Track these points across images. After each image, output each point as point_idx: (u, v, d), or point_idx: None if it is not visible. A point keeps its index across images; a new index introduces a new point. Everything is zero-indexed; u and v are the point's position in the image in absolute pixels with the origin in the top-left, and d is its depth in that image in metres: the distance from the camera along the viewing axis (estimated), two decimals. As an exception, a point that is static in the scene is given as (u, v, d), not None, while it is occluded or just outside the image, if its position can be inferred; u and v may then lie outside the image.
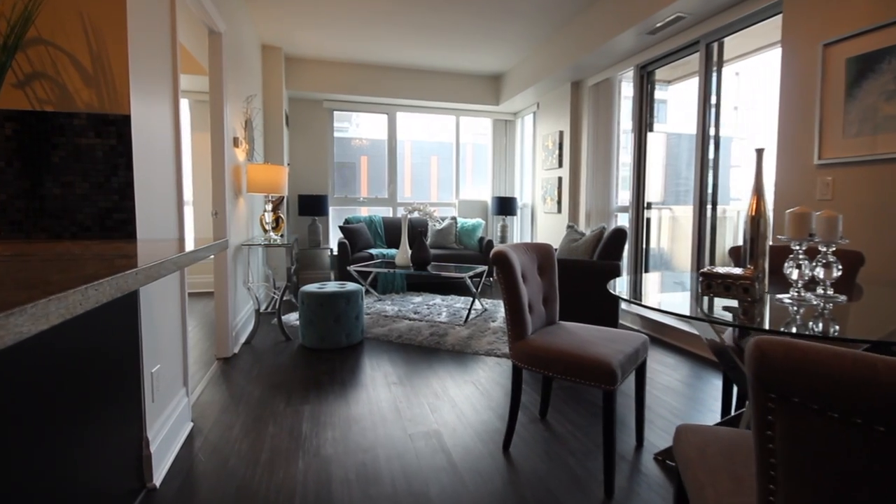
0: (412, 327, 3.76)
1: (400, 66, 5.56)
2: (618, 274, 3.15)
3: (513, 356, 1.84)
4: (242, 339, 3.43)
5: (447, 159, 6.85)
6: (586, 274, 3.19)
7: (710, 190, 3.32)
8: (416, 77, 5.64)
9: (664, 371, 2.88)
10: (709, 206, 3.35)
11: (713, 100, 3.30)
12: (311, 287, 3.36)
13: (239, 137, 3.45)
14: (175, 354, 2.04)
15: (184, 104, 5.36)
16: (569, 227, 3.89)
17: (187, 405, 2.14)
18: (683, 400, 2.45)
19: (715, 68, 3.28)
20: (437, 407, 2.33)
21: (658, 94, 4.06)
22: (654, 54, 3.73)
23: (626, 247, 3.97)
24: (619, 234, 3.25)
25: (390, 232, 5.76)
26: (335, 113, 5.90)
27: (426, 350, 3.28)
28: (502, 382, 2.69)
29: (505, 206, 5.90)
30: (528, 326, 1.83)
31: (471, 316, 3.99)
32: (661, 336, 3.59)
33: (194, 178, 5.24)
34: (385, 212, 6.17)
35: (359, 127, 6.66)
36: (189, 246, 1.36)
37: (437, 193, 6.56)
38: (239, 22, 3.62)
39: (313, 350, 3.25)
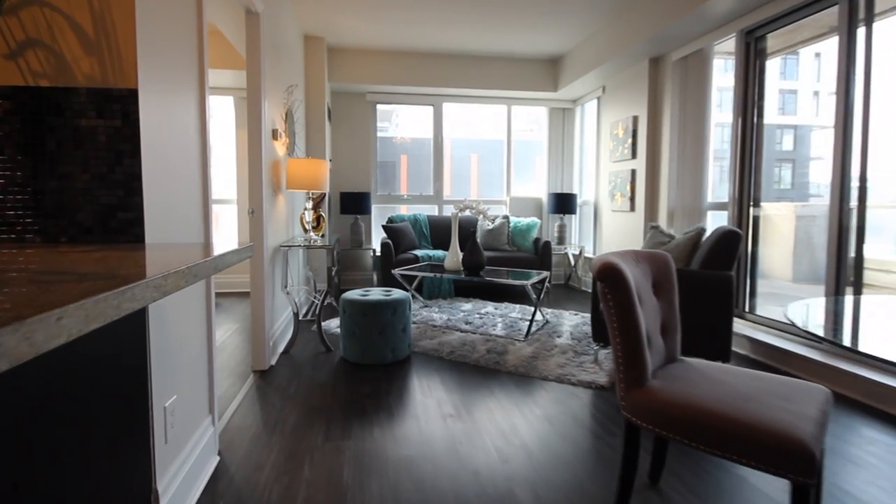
0: (465, 341, 3.35)
1: (446, 52, 5.16)
2: (730, 288, 2.59)
3: (626, 409, 1.38)
4: (281, 349, 3.14)
5: (488, 157, 6.48)
6: (688, 288, 2.65)
7: (856, 183, 2.69)
8: (465, 63, 5.22)
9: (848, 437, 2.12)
10: (853, 203, 2.71)
11: (858, 68, 2.65)
12: (354, 294, 3.02)
13: (278, 130, 3.15)
14: (198, 379, 1.72)
15: (228, 101, 5.21)
16: (652, 227, 3.35)
17: (213, 436, 1.83)
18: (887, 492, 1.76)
19: (862, 24, 2.63)
20: (508, 455, 1.90)
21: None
22: (765, 15, 3.10)
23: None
24: (731, 237, 2.68)
25: (436, 232, 5.38)
26: (378, 108, 5.57)
27: (483, 371, 2.86)
28: (583, 420, 2.23)
29: (563, 203, 5.39)
30: (647, 368, 1.37)
31: (532, 329, 3.54)
32: (808, 374, 3.00)
33: (238, 176, 5.06)
34: (429, 210, 5.80)
35: (398, 127, 6.50)
36: (219, 250, 1.02)
37: (478, 192, 6.12)
38: (278, 5, 3.32)
39: (355, 365, 2.90)
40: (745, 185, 3.48)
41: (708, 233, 3.05)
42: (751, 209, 3.50)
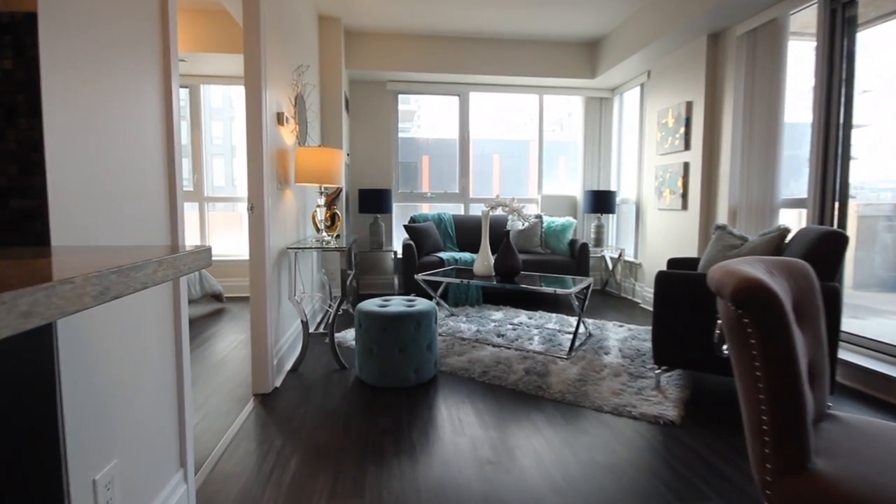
0: (498, 358, 2.89)
1: (474, 36, 4.71)
2: (837, 303, 2.05)
3: None
4: (288, 366, 2.74)
5: (510, 158, 6.08)
6: None
7: None
8: (493, 48, 4.75)
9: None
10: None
11: None
12: (371, 304, 2.59)
13: (285, 114, 2.75)
14: (161, 430, 1.31)
15: (240, 91, 4.88)
16: (718, 228, 2.83)
17: (187, 496, 1.41)
18: None
19: None
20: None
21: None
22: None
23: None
24: (835, 240, 2.14)
25: (462, 232, 4.93)
26: (399, 108, 5.16)
27: (523, 398, 2.39)
28: (658, 469, 1.74)
29: (601, 201, 4.86)
30: (810, 441, 0.88)
31: (575, 344, 3.05)
32: None
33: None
34: (453, 209, 5.36)
35: (420, 128, 6.28)
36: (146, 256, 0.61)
37: (501, 193, 5.67)
38: (289, -27, 2.93)
39: (372, 388, 2.47)
40: (828, 179, 2.92)
41: (792, 234, 2.51)
42: (832, 206, 2.94)
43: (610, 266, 5.09)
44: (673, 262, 3.04)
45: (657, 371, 2.50)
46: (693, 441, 1.95)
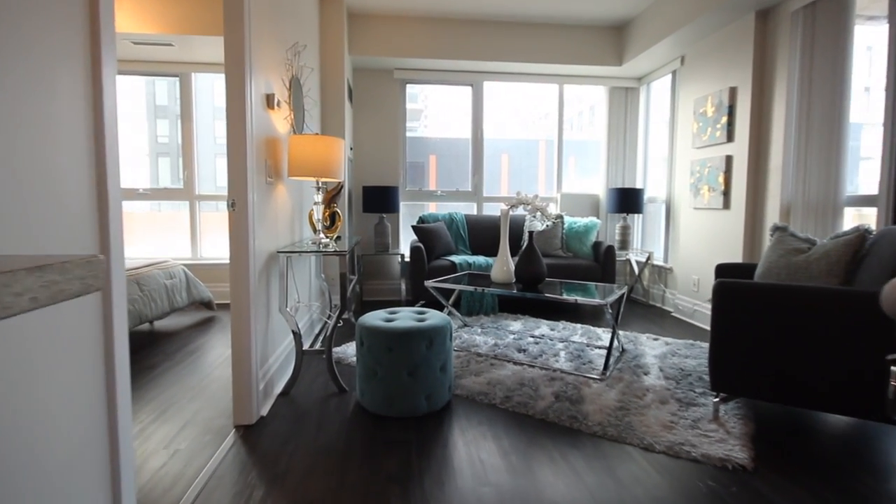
0: (522, 379, 2.50)
1: (489, 19, 4.33)
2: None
3: None
4: (278, 389, 2.37)
5: (518, 157, 5.74)
6: (862, 320, 1.71)
7: None
8: (510, 32, 4.37)
9: None
10: None
11: None
12: (374, 318, 2.22)
13: (276, 97, 2.39)
14: (80, 504, 0.94)
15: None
16: (777, 229, 2.42)
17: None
18: None
19: None
20: None
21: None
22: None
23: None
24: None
25: (475, 233, 4.54)
26: (407, 95, 4.79)
27: (555, 430, 2.00)
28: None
29: (627, 200, 4.46)
30: None
31: (610, 363, 2.65)
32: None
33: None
34: (464, 209, 4.98)
35: (427, 128, 5.91)
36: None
37: (509, 193, 5.31)
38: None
39: (376, 418, 2.09)
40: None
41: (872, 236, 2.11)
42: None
43: (636, 271, 4.68)
44: (723, 269, 2.64)
45: (715, 399, 2.10)
46: (771, 491, 1.55)
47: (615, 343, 3.10)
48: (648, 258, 4.52)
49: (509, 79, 4.75)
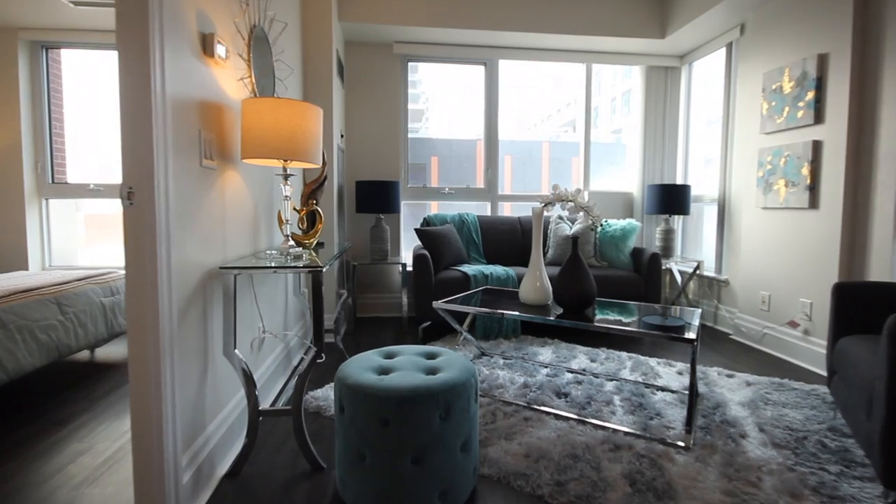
0: (573, 444, 1.76)
1: (510, -16, 3.61)
2: None
3: None
4: (222, 469, 1.64)
5: (521, 160, 5.18)
6: None
7: None
8: (530, 0, 3.65)
9: None
10: None
11: None
12: (361, 367, 1.48)
13: (223, 45, 1.66)
14: None
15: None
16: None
17: None
18: None
19: None
20: None
21: None
22: None
23: None
24: None
25: (490, 238, 3.81)
26: (409, 71, 4.06)
27: (649, 557, 1.26)
28: None
29: (670, 199, 3.73)
30: None
31: (693, 419, 1.92)
32: None
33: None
34: (476, 209, 4.26)
35: (429, 129, 5.87)
36: None
37: (512, 193, 4.67)
38: None
39: (364, 526, 1.35)
40: None
41: None
42: None
43: (679, 282, 3.95)
44: (847, 291, 1.91)
45: (889, 502, 1.36)
46: None
47: (669, 379, 2.36)
48: (697, 268, 3.78)
49: (528, 56, 4.03)
